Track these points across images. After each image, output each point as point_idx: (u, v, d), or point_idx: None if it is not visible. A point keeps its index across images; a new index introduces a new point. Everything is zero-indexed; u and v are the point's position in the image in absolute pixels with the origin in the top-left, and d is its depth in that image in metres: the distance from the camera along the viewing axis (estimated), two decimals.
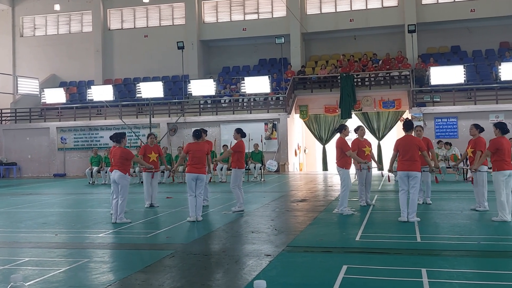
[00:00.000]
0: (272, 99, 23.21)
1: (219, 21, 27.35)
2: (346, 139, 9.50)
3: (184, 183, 9.74)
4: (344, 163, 9.30)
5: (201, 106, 24.01)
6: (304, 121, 23.55)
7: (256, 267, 5.58)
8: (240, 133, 10.04)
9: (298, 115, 23.48)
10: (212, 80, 22.32)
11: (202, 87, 22.19)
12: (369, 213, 9.28)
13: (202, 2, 27.37)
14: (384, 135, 22.38)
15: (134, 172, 16.86)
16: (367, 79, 23.29)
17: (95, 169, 18.78)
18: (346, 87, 22.04)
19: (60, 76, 29.08)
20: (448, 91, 21.34)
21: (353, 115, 22.28)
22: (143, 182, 11.34)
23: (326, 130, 23.13)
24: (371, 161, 10.43)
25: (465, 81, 20.32)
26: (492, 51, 24.04)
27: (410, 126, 8.65)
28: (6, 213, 10.86)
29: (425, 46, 24.97)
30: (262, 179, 17.93)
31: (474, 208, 9.29)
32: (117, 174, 8.84)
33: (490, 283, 4.88)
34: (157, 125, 23.11)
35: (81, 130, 24.41)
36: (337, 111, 22.54)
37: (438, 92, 21.38)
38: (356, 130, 10.53)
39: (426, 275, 5.04)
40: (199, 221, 8.80)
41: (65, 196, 14.79)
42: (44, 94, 23.82)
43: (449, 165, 16.38)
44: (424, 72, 22.00)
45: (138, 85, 22.67)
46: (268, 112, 22.65)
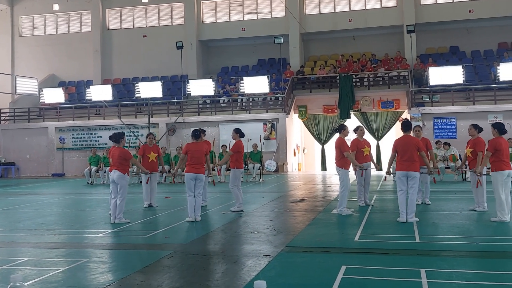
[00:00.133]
0: (271, 99, 23.21)
1: (218, 21, 27.33)
2: (346, 139, 9.50)
3: (183, 183, 9.73)
4: (344, 163, 9.29)
5: (200, 106, 24.00)
6: (303, 121, 23.54)
7: (255, 267, 5.58)
8: (239, 133, 10.05)
9: (297, 115, 23.47)
10: (211, 80, 22.29)
11: (201, 87, 22.17)
12: (368, 214, 9.28)
13: (201, 2, 27.35)
14: (383, 135, 22.37)
15: (133, 172, 16.81)
16: (365, 79, 23.29)
17: (94, 169, 18.77)
18: (345, 87, 22.04)
19: (59, 76, 29.04)
20: (446, 92, 21.35)
21: (352, 115, 22.26)
22: (142, 182, 11.32)
23: (325, 130, 23.13)
24: (370, 161, 10.44)
25: (463, 81, 20.33)
26: (490, 51, 24.05)
27: (408, 126, 8.66)
28: (5, 213, 10.85)
29: (424, 47, 24.98)
30: (261, 179, 17.92)
31: (473, 208, 9.29)
32: (116, 174, 8.84)
33: (489, 283, 4.89)
34: (156, 125, 23.10)
35: (79, 130, 24.39)
36: (336, 111, 22.54)
37: (437, 93, 21.40)
38: (356, 130, 10.53)
39: (425, 275, 5.05)
40: (198, 221, 8.80)
41: (63, 196, 14.77)
42: (42, 94, 23.77)
43: (447, 165, 16.40)
44: (423, 72, 22.01)
45: (137, 85, 22.65)
46: (267, 112, 22.63)
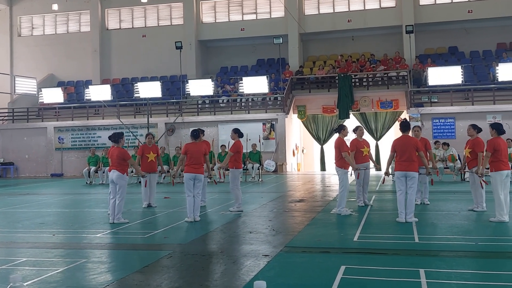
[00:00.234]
0: (270, 99, 23.21)
1: (217, 21, 27.31)
2: (345, 139, 9.50)
3: (183, 183, 9.72)
4: (343, 163, 9.29)
5: (199, 106, 23.99)
6: (302, 121, 23.54)
7: (254, 267, 5.58)
8: (238, 133, 10.05)
9: (296, 115, 23.47)
10: (210, 80, 22.29)
11: (200, 87, 22.16)
12: (367, 214, 9.28)
13: (200, 2, 27.34)
14: (382, 135, 22.38)
15: (132, 172, 16.78)
16: (365, 80, 23.29)
17: (93, 169, 18.76)
18: (344, 87, 22.05)
19: (58, 76, 29.00)
20: (445, 92, 21.36)
21: (351, 115, 22.28)
22: (141, 182, 11.31)
23: (324, 130, 23.13)
24: (369, 161, 10.44)
25: (462, 81, 20.35)
26: (489, 52, 24.07)
27: (407, 126, 8.66)
28: (4, 213, 10.84)
29: (422, 47, 24.98)
30: (260, 179, 17.93)
31: (472, 208, 9.29)
32: (115, 174, 8.84)
33: (488, 283, 4.90)
34: (155, 125, 23.08)
35: (78, 130, 24.37)
36: (335, 111, 22.54)
37: (436, 93, 21.41)
38: (355, 130, 10.54)
39: (424, 275, 5.06)
40: (197, 221, 8.80)
41: (62, 196, 14.76)
42: (41, 94, 23.74)
43: (446, 165, 16.41)
44: (422, 72, 22.03)
45: (136, 85, 22.62)
46: (266, 112, 22.63)
